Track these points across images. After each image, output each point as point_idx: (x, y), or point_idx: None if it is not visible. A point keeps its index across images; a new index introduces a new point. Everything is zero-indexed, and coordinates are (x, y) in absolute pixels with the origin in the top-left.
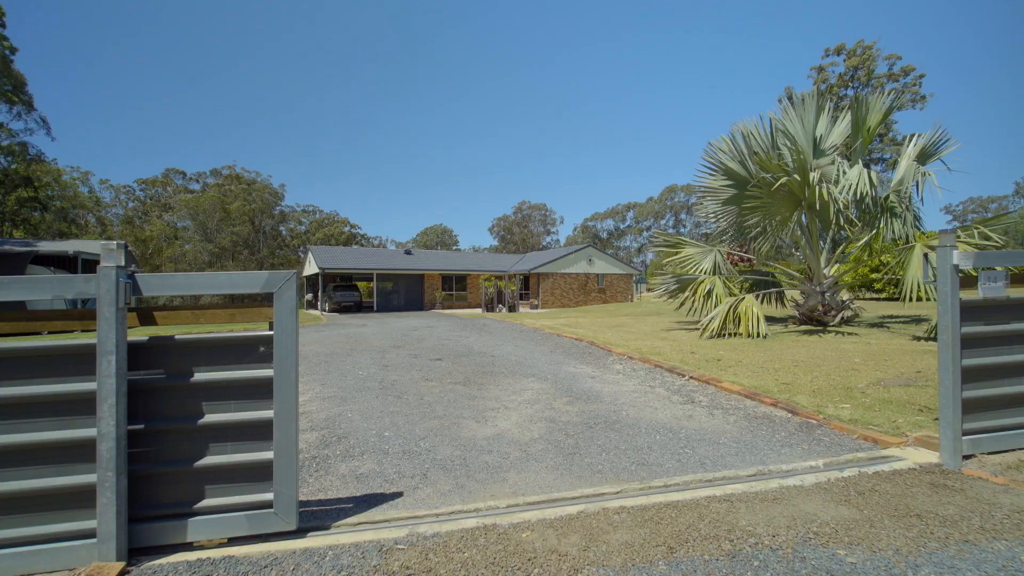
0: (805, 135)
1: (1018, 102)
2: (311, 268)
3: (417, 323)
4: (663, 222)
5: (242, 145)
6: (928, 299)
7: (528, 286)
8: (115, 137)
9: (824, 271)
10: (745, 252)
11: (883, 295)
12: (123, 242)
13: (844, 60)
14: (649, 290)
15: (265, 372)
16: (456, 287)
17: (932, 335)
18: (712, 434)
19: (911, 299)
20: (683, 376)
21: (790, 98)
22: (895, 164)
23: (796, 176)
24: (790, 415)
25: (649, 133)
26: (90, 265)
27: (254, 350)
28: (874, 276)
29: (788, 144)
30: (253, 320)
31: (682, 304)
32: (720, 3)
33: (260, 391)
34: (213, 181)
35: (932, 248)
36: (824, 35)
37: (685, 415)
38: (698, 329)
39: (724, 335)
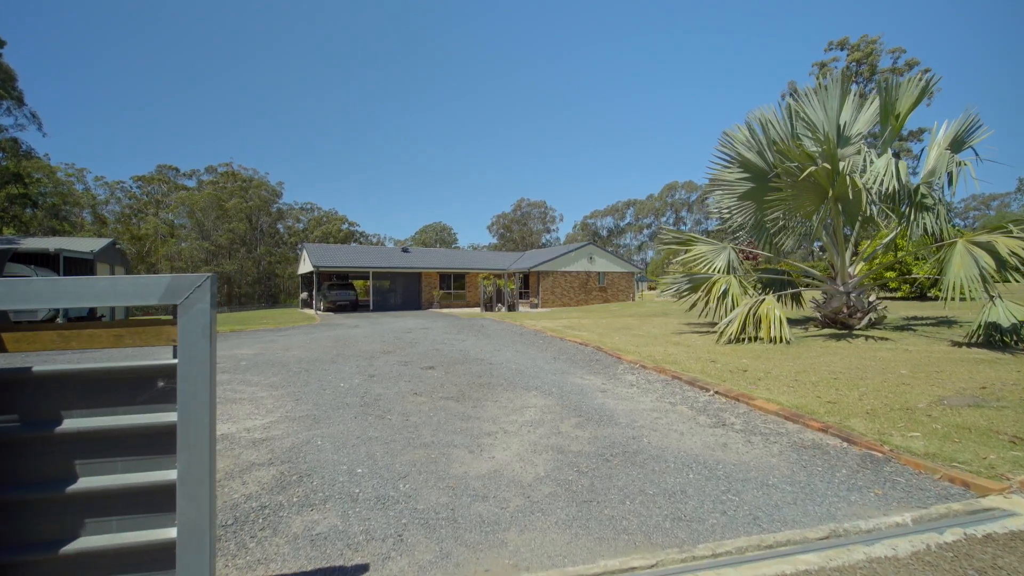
0: (828, 123)
1: (1018, 102)
2: (306, 266)
3: (412, 324)
4: (663, 219)
5: (241, 145)
6: (971, 299)
7: (528, 285)
8: (114, 137)
9: (849, 270)
10: (752, 248)
11: (898, 294)
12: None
13: (847, 55)
14: (651, 288)
15: (166, 417)
16: (454, 286)
17: (973, 340)
18: (757, 471)
19: (953, 299)
20: (707, 391)
21: (794, 93)
22: (900, 156)
23: (826, 164)
24: (846, 445)
25: (649, 132)
26: (73, 264)
27: (150, 386)
28: (889, 275)
29: (809, 134)
30: (150, 342)
31: (694, 305)
32: (720, 3)
33: (159, 443)
34: (208, 178)
35: (977, 245)
36: (823, 35)
37: (718, 443)
38: (712, 332)
39: (743, 340)
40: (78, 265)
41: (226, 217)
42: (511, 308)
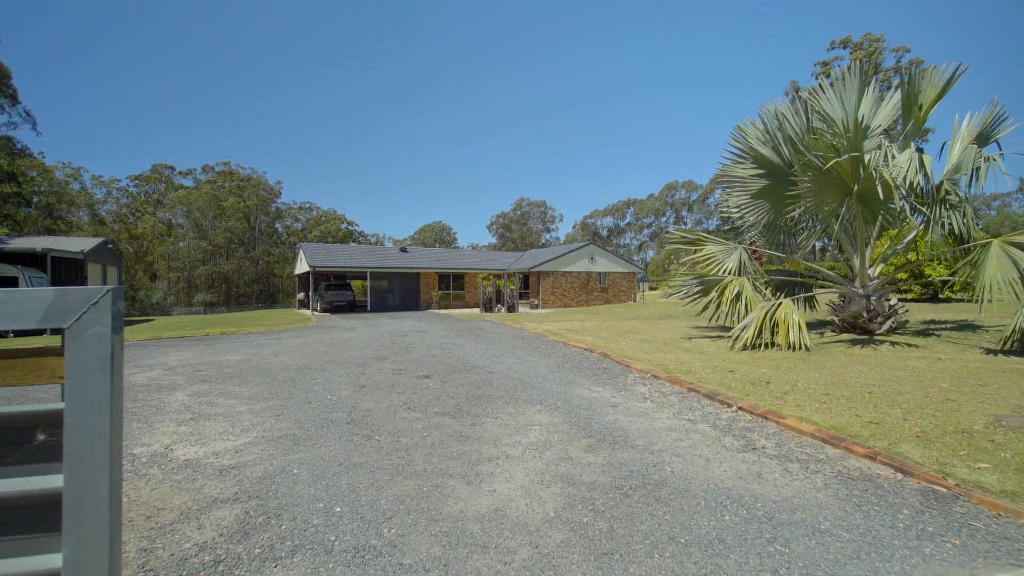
0: (846, 117)
1: (1018, 102)
2: (302, 266)
3: (409, 326)
4: (664, 219)
5: (241, 145)
6: (1007, 302)
7: (528, 285)
8: (114, 137)
9: (869, 271)
10: (758, 248)
11: (910, 296)
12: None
13: (850, 54)
14: (652, 288)
15: (47, 482)
16: (453, 286)
17: (1007, 347)
18: (803, 510)
19: (988, 302)
20: (729, 406)
21: (796, 91)
22: (923, 151)
23: (854, 153)
24: (901, 476)
25: (649, 132)
26: (62, 264)
27: (26, 440)
28: (901, 276)
29: (826, 128)
30: (27, 380)
31: (705, 308)
32: (720, 3)
33: (40, 518)
34: (206, 177)
35: (1015, 246)
36: (823, 35)
37: (751, 472)
38: (724, 337)
39: (759, 346)
40: (68, 265)
41: (224, 216)
42: (511, 309)
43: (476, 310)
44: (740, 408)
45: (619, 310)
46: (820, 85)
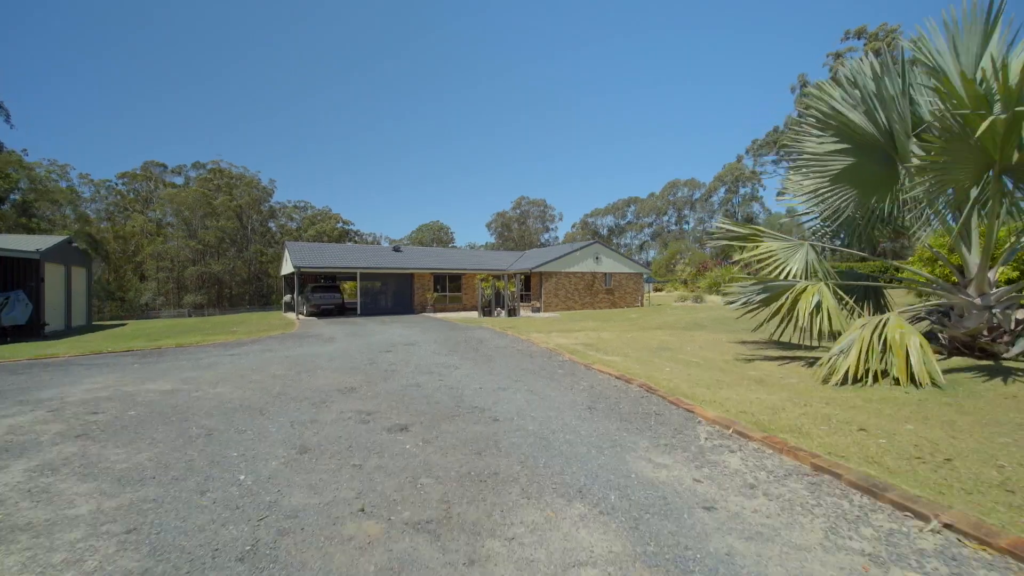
0: (968, 72)
1: None
2: (287, 267)
3: (398, 335)
4: (665, 218)
5: (235, 144)
6: None
7: (529, 286)
8: (107, 137)
9: (989, 275)
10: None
11: None
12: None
13: (864, 44)
14: (657, 290)
15: None
16: (450, 287)
17: None
18: None
19: None
20: (924, 518)
21: (803, 85)
22: None
23: (1003, 116)
24: None
25: (649, 130)
26: (13, 265)
27: None
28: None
29: (941, 87)
30: None
31: (772, 317)
32: (720, 1)
33: None
34: (196, 174)
35: None
36: (827, 32)
37: None
38: (792, 358)
39: (862, 378)
40: (20, 266)
41: (214, 215)
42: (512, 313)
43: (474, 313)
44: (947, 526)
45: (633, 315)
46: (930, 30)
